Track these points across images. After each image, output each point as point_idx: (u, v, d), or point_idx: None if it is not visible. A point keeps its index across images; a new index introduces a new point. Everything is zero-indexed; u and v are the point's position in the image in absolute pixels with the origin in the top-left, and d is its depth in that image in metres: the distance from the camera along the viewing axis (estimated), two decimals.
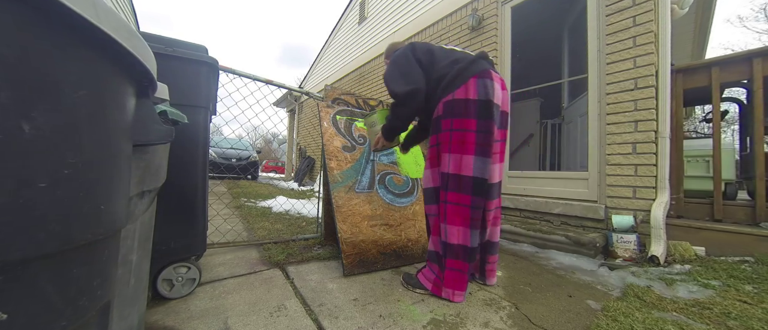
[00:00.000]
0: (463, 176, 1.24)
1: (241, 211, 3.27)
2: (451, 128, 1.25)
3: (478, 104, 1.22)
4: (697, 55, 5.12)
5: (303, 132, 9.29)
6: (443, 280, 1.28)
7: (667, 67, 2.10)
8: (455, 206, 1.25)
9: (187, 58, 1.20)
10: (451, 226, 1.26)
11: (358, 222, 1.66)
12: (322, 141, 1.84)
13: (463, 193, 1.24)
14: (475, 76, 1.24)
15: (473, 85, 1.22)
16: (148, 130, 0.60)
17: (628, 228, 2.01)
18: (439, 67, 1.31)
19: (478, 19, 3.30)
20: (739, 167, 2.83)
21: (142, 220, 0.74)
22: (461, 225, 1.24)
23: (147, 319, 1.03)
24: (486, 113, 1.22)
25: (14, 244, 0.33)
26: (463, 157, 1.24)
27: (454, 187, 1.26)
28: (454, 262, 1.26)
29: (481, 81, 1.23)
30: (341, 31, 7.32)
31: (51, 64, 0.35)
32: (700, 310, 1.24)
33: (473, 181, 1.23)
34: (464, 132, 1.23)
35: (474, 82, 1.23)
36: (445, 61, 1.32)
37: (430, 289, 1.31)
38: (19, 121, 0.32)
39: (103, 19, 0.38)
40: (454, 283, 1.26)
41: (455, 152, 1.25)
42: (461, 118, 1.23)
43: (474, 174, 1.23)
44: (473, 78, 1.23)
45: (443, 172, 1.29)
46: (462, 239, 1.24)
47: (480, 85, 1.22)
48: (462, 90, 1.23)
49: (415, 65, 1.32)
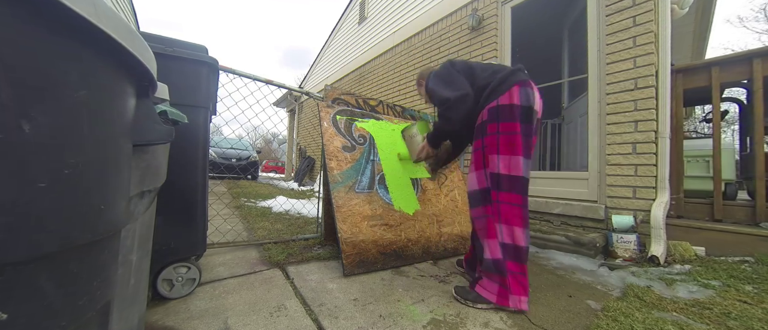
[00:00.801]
0: (515, 176, 1.28)
1: (241, 211, 3.27)
2: (498, 131, 1.31)
3: (521, 109, 1.29)
4: (697, 55, 5.12)
5: (303, 132, 9.29)
6: (510, 288, 1.23)
7: (667, 67, 2.10)
8: (510, 206, 1.29)
9: (187, 58, 1.20)
10: (509, 226, 1.28)
11: (358, 222, 1.66)
12: (322, 141, 1.84)
13: (517, 193, 1.29)
14: (518, 84, 1.31)
15: (517, 92, 1.30)
16: (148, 130, 0.60)
17: (628, 228, 2.01)
18: (481, 78, 1.40)
19: (478, 19, 3.30)
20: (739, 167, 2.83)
21: (142, 220, 0.74)
22: (518, 224, 1.27)
23: (147, 319, 1.03)
24: (527, 118, 1.30)
25: (14, 244, 0.33)
26: (512, 158, 1.28)
27: (508, 187, 1.29)
28: (514, 264, 1.25)
29: (523, 89, 1.30)
30: (341, 31, 7.32)
31: (51, 64, 0.35)
32: (700, 310, 1.24)
33: (523, 181, 1.29)
34: (512, 134, 1.29)
35: (517, 89, 1.30)
36: (485, 72, 1.41)
37: (496, 301, 1.24)
38: (19, 121, 0.32)
39: (103, 19, 0.38)
40: (518, 288, 1.23)
41: (505, 153, 1.29)
42: (508, 121, 1.30)
43: (524, 174, 1.28)
44: (516, 85, 1.31)
45: (493, 173, 1.32)
46: (519, 239, 1.26)
47: (523, 92, 1.30)
48: (506, 96, 1.30)
49: (458, 75, 1.41)
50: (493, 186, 1.32)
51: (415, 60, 4.32)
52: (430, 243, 1.89)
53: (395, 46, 4.86)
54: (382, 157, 2.01)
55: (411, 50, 4.45)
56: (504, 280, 1.24)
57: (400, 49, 4.72)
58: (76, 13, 0.34)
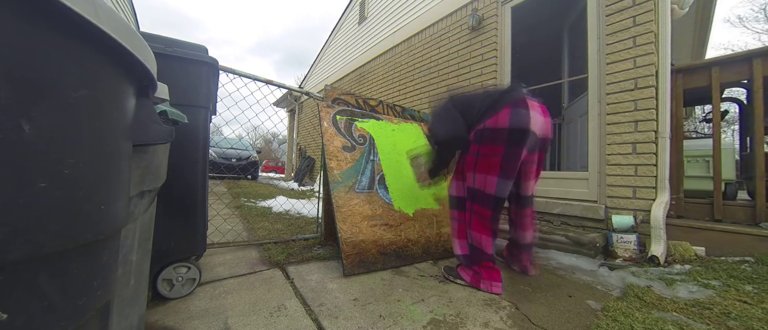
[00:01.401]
0: (486, 193, 1.41)
1: (241, 211, 3.27)
2: (477, 152, 1.43)
3: (508, 132, 1.35)
4: (697, 55, 5.12)
5: (303, 132, 9.29)
6: (481, 275, 1.42)
7: (667, 67, 2.10)
8: (480, 218, 1.45)
9: (187, 58, 1.20)
10: (477, 234, 1.45)
11: (358, 222, 1.66)
12: (322, 141, 1.84)
13: (486, 208, 1.43)
14: (508, 106, 1.36)
15: (505, 115, 1.35)
16: (148, 130, 0.60)
17: (628, 228, 2.01)
18: (477, 107, 1.48)
19: (478, 19, 3.30)
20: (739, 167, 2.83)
21: (142, 220, 0.74)
22: (486, 234, 1.43)
23: (147, 319, 1.03)
24: (515, 140, 1.35)
25: (14, 244, 0.33)
26: (487, 177, 1.40)
27: (480, 201, 1.44)
28: (482, 262, 1.44)
29: (515, 110, 1.35)
30: (341, 31, 7.32)
31: (51, 64, 0.35)
32: (700, 310, 1.24)
33: (495, 198, 1.40)
34: (491, 157, 1.39)
35: (507, 111, 1.35)
36: (479, 101, 1.50)
37: (470, 281, 1.45)
38: (19, 121, 0.32)
39: (103, 18, 0.38)
40: (490, 275, 1.41)
41: (481, 172, 1.42)
42: (489, 145, 1.39)
43: (496, 193, 1.39)
44: (506, 108, 1.36)
45: (469, 186, 1.49)
46: (485, 246, 1.43)
47: (513, 114, 1.34)
48: (492, 120, 1.38)
49: (454, 113, 1.52)
50: (468, 197, 1.50)
51: (415, 60, 4.32)
52: (430, 243, 1.89)
53: (395, 46, 4.86)
54: (382, 157, 2.01)
55: (411, 50, 4.45)
56: (478, 269, 1.44)
57: (400, 49, 4.72)
58: (76, 13, 0.34)
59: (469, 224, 1.48)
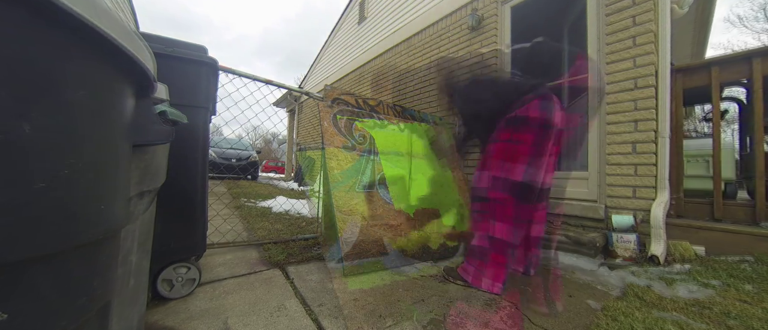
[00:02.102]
0: (512, 180, 1.40)
1: (241, 211, 3.27)
2: (509, 139, 1.44)
3: (537, 121, 1.38)
4: (697, 55, 5.12)
5: (303, 132, 9.28)
6: (485, 272, 1.41)
7: (666, 67, 2.10)
8: (503, 206, 1.42)
9: (186, 58, 1.20)
10: (499, 223, 1.42)
11: (358, 222, 1.66)
12: (323, 141, 1.84)
13: (511, 195, 1.41)
14: (538, 98, 1.40)
15: (536, 105, 1.39)
16: (147, 130, 0.60)
17: (628, 228, 2.01)
18: (504, 92, 1.52)
19: (478, 19, 3.30)
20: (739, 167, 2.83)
21: (142, 220, 0.74)
22: (507, 223, 1.41)
23: (147, 319, 1.03)
24: (543, 130, 1.38)
25: (14, 244, 0.33)
26: (514, 165, 1.40)
27: (503, 188, 1.42)
28: (498, 256, 1.42)
29: (544, 102, 1.39)
30: (341, 31, 7.31)
31: (51, 64, 0.35)
32: (700, 310, 1.24)
33: (521, 185, 1.39)
34: (519, 143, 1.40)
35: (536, 103, 1.39)
36: (507, 87, 1.56)
37: (470, 281, 1.45)
38: (19, 121, 0.32)
39: (102, 19, 0.38)
40: (494, 275, 1.40)
41: (508, 160, 1.42)
42: (519, 132, 1.41)
43: (523, 179, 1.39)
44: (536, 99, 1.39)
45: (493, 175, 1.47)
46: (507, 235, 1.40)
47: (542, 105, 1.39)
48: (523, 109, 1.40)
49: (483, 88, 1.60)
50: (490, 186, 1.47)
51: (415, 60, 4.32)
52: (430, 243, 1.89)
53: (395, 46, 4.86)
54: (382, 157, 2.01)
55: (411, 50, 4.45)
56: (482, 265, 1.42)
57: (400, 48, 4.72)
58: (75, 14, 0.34)
59: (492, 213, 1.45)
